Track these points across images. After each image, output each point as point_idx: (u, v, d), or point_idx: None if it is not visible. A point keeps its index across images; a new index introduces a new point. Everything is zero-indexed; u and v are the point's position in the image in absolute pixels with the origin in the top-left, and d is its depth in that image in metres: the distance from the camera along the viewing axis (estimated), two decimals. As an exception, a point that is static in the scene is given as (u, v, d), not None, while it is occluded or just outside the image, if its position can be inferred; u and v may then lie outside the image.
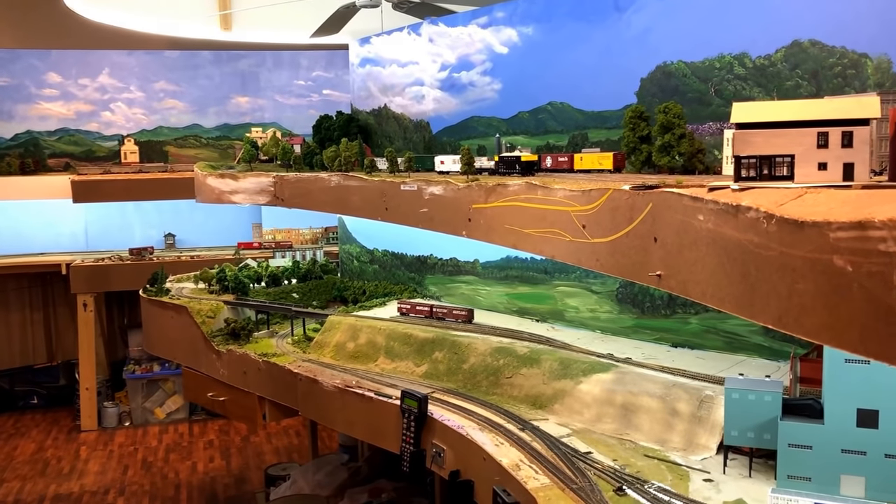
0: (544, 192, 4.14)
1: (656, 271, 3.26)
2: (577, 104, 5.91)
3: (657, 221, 3.29)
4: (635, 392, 4.59)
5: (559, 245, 3.96)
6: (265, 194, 7.51)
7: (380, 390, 5.56)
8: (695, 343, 5.31)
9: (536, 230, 4.17)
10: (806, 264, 2.11)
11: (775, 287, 2.29)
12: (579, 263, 3.84)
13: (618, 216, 3.54)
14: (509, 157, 5.08)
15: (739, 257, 2.55)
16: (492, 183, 4.75)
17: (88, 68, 13.17)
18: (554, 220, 4.03)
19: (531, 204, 4.23)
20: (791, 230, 2.17)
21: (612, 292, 5.80)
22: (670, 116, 4.50)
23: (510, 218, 4.50)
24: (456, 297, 7.32)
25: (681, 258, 3.08)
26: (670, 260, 3.17)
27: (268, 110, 13.82)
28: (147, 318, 8.50)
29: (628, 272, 3.45)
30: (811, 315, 2.13)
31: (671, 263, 3.17)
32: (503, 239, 4.60)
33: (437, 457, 4.93)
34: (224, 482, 10.03)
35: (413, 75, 7.56)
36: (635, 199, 3.44)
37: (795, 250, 2.15)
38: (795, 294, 2.18)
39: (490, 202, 4.71)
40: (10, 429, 12.28)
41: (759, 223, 2.36)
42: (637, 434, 4.43)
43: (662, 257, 3.24)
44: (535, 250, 4.25)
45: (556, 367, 5.11)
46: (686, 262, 3.04)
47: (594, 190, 3.69)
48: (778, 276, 2.26)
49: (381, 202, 5.97)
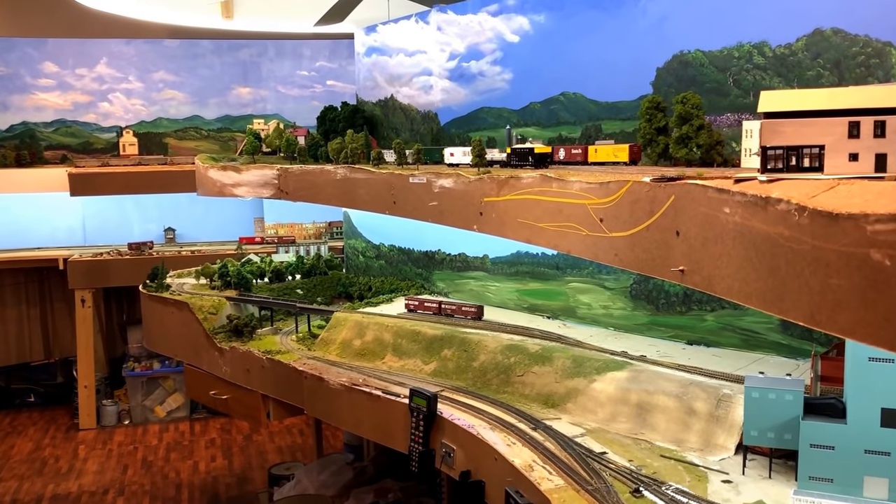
0: (559, 184, 4.00)
1: (679, 266, 3.14)
2: (591, 95, 5.77)
3: (680, 214, 3.16)
4: (651, 391, 4.45)
5: (575, 239, 3.82)
6: (269, 187, 7.36)
7: (387, 388, 5.43)
8: (711, 340, 5.18)
9: (551, 224, 4.03)
10: (841, 258, 2.02)
11: (807, 282, 2.19)
12: (596, 258, 3.71)
13: (637, 209, 3.40)
14: (522, 149, 4.94)
15: (768, 251, 2.45)
16: (504, 175, 4.60)
17: (86, 58, 12.98)
18: (570, 213, 3.88)
19: (545, 197, 4.10)
20: (825, 223, 2.08)
21: (625, 288, 5.66)
22: (688, 107, 4.35)
23: (523, 211, 4.36)
24: (464, 294, 7.18)
25: (705, 252, 2.96)
26: (694, 254, 3.05)
27: (270, 101, 13.63)
28: (147, 314, 8.36)
29: (649, 267, 3.32)
30: (846, 311, 2.05)
31: (695, 258, 3.04)
32: (516, 233, 4.46)
33: (446, 457, 4.80)
34: (226, 482, 9.89)
35: (421, 65, 7.41)
36: (656, 192, 3.31)
37: (829, 244, 2.07)
38: (829, 289, 2.09)
39: (502, 195, 4.57)
40: (6, 427, 12.12)
41: (790, 216, 2.27)
42: (653, 434, 4.30)
43: (685, 252, 3.11)
44: (550, 245, 4.11)
45: (569, 365, 4.97)
46: (711, 257, 2.92)
47: (612, 182, 3.55)
48: (810, 270, 2.17)
49: (388, 195, 5.82)
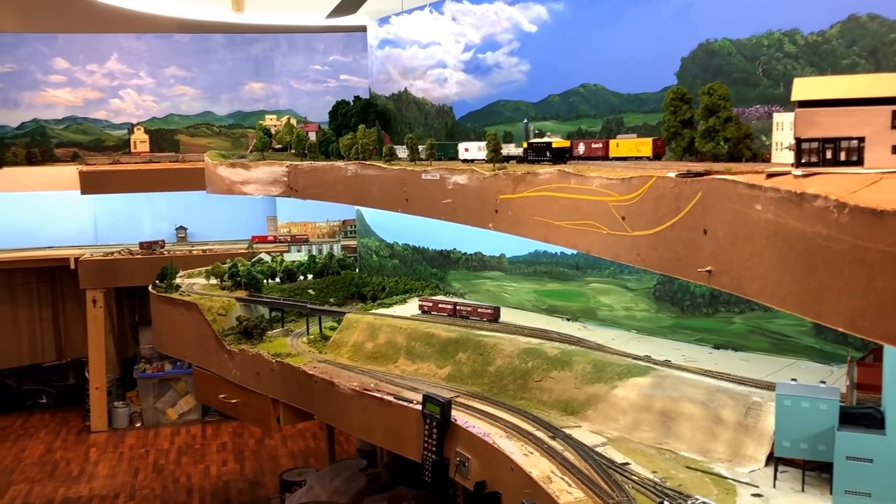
0: (578, 180, 3.77)
1: (706, 267, 2.92)
2: (612, 86, 5.52)
3: (707, 212, 2.94)
4: (675, 397, 4.22)
5: (595, 238, 3.59)
6: (278, 184, 7.16)
7: (400, 394, 5.22)
8: (739, 344, 4.92)
9: (570, 222, 3.80)
10: (886, 259, 1.86)
11: (848, 284, 2.01)
12: (617, 258, 3.48)
13: (662, 206, 3.17)
14: (539, 144, 4.71)
15: (804, 251, 2.25)
16: (520, 171, 4.37)
17: (96, 53, 12.82)
18: (589, 211, 3.66)
19: (564, 194, 3.87)
20: (867, 221, 1.91)
21: (648, 289, 5.42)
22: (715, 98, 4.12)
23: (541, 209, 4.13)
24: (481, 294, 6.96)
25: (735, 252, 2.75)
26: (722, 254, 2.83)
27: (282, 97, 13.43)
28: (156, 315, 8.20)
29: (674, 268, 3.09)
30: (892, 316, 1.88)
31: (723, 258, 2.82)
32: (533, 232, 4.24)
33: (461, 466, 4.59)
34: (238, 487, 9.72)
35: (435, 57, 7.19)
36: (682, 188, 3.08)
37: (873, 243, 1.89)
38: (873, 292, 1.92)
39: (519, 192, 4.34)
40: (18, 429, 12.01)
41: (829, 213, 2.09)
42: (678, 443, 4.06)
43: (713, 251, 2.89)
44: (568, 244, 3.88)
45: (590, 369, 4.75)
46: (741, 257, 2.70)
47: (635, 178, 3.32)
48: (851, 272, 2.00)
49: (400, 192, 5.60)
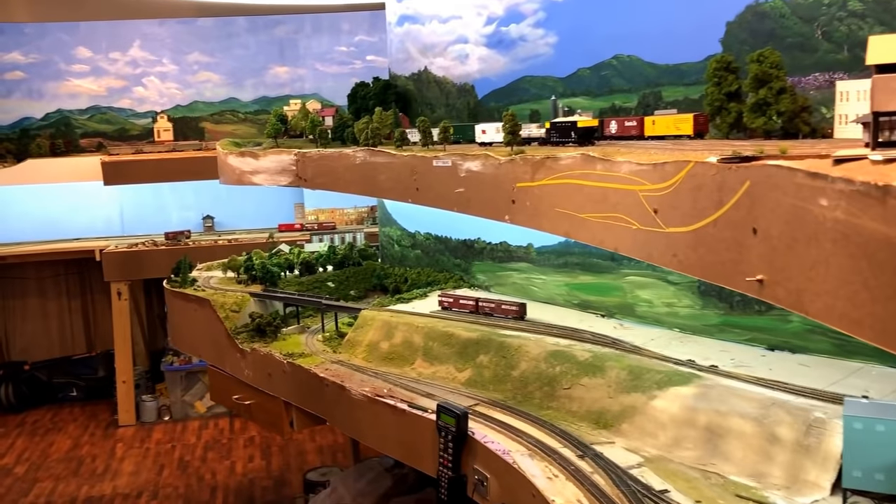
0: (605, 165, 3.22)
1: (756, 275, 2.37)
2: (649, 57, 4.94)
3: (757, 206, 2.39)
4: (723, 411, 3.67)
5: (624, 234, 3.05)
6: (287, 174, 6.69)
7: (414, 401, 4.74)
8: (796, 345, 4.32)
9: (595, 215, 3.26)
10: None
11: None
12: (650, 259, 2.93)
13: (702, 198, 2.63)
14: (563, 124, 4.15)
15: (889, 262, 1.78)
16: (539, 156, 3.83)
17: (118, 41, 12.54)
18: (617, 202, 3.12)
19: (588, 181, 3.33)
20: None
21: (692, 283, 4.84)
22: (766, 66, 3.55)
23: (562, 199, 3.59)
24: (507, 287, 6.43)
25: (793, 259, 2.20)
26: (777, 260, 2.28)
27: (308, 80, 13.00)
28: (171, 310, 7.84)
29: (717, 274, 2.55)
30: None
31: (779, 265, 2.28)
32: (554, 225, 3.70)
33: (479, 485, 4.10)
34: (263, 485, 9.37)
35: (455, 32, 6.65)
36: (725, 176, 2.54)
37: None
38: None
39: (537, 180, 3.80)
40: (47, 423, 11.84)
41: None
42: (726, 465, 3.51)
43: (765, 255, 2.34)
44: (594, 240, 3.34)
45: (625, 376, 4.21)
46: (801, 265, 2.17)
47: (669, 163, 2.78)
48: None
49: (411, 181, 5.09)
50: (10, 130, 12.39)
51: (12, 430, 11.55)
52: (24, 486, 9.56)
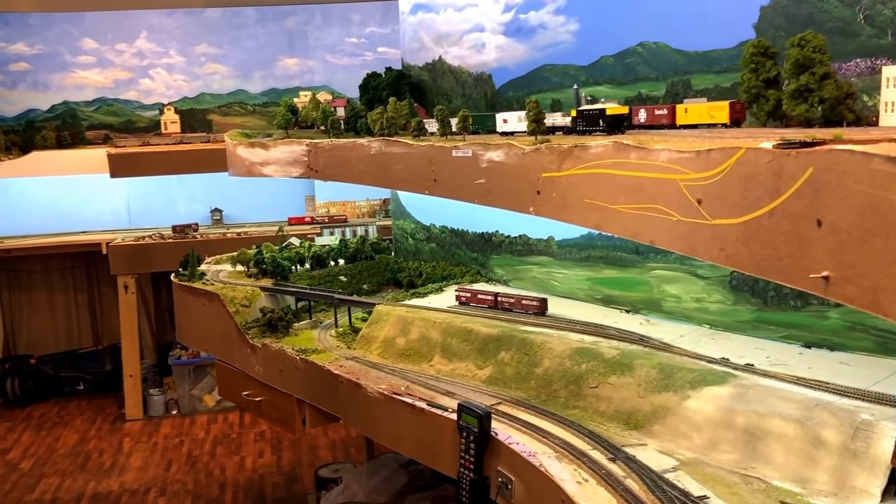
0: (640, 154, 3.03)
1: (821, 271, 2.18)
2: (677, 44, 4.74)
3: (822, 195, 2.19)
4: (763, 412, 3.49)
5: (662, 226, 2.86)
6: (298, 165, 6.51)
7: (433, 399, 4.57)
8: (835, 343, 4.14)
9: (629, 206, 3.07)
10: None
11: None
12: (693, 253, 2.73)
13: (754, 187, 2.44)
14: (590, 112, 3.97)
15: None
16: (567, 144, 3.63)
17: (125, 32, 12.36)
18: (654, 192, 2.93)
19: (621, 171, 3.14)
20: None
21: (723, 278, 4.66)
22: (808, 51, 3.35)
23: (592, 190, 3.40)
24: (526, 282, 6.26)
25: (867, 254, 2.00)
26: (847, 255, 2.08)
27: (318, 72, 12.82)
28: (179, 305, 7.67)
29: (773, 270, 2.35)
30: None
31: (849, 261, 2.07)
32: (582, 217, 3.51)
33: (503, 488, 3.93)
34: (273, 481, 9.22)
35: (472, 20, 6.46)
36: (783, 162, 2.34)
37: None
38: None
39: (565, 169, 3.61)
40: (54, 417, 11.72)
41: None
42: (767, 469, 3.34)
43: (832, 250, 2.14)
44: (627, 233, 3.15)
45: (655, 375, 4.03)
46: (877, 262, 1.96)
47: (715, 150, 2.58)
48: None
49: (428, 172, 4.90)
50: (16, 122, 12.25)
51: (18, 425, 11.43)
52: (30, 482, 9.44)
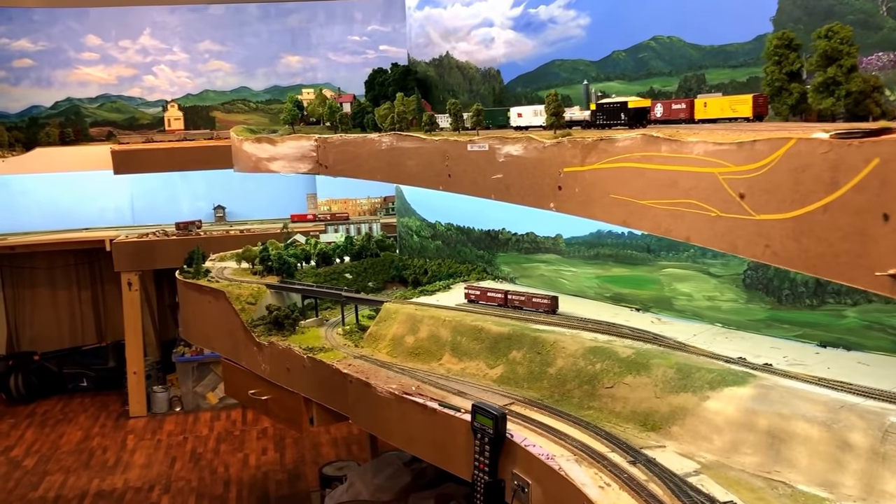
0: (672, 146, 2.94)
1: (888, 269, 2.06)
2: (691, 38, 4.66)
3: (890, 187, 2.08)
4: (786, 414, 3.41)
5: (698, 222, 2.76)
6: (306, 160, 6.43)
7: (445, 399, 4.50)
8: (852, 342, 4.07)
9: (660, 201, 2.97)
10: None
11: None
12: (733, 250, 2.63)
13: (807, 180, 2.35)
14: (612, 105, 3.88)
15: None
16: (591, 138, 3.56)
17: (129, 29, 12.31)
18: (689, 187, 2.83)
19: (651, 165, 3.06)
20: None
21: (736, 276, 4.59)
22: (836, 42, 3.26)
23: (619, 184, 3.31)
24: (534, 280, 6.18)
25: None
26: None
27: (320, 70, 12.78)
28: (184, 302, 7.60)
29: (828, 267, 2.22)
30: None
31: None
32: (608, 213, 3.42)
33: (519, 491, 3.85)
34: (277, 478, 9.16)
35: (480, 15, 6.38)
36: (843, 153, 2.24)
37: None
38: None
39: (589, 164, 3.53)
40: (57, 414, 11.67)
41: None
42: (791, 473, 3.26)
43: (901, 247, 2.04)
44: (659, 230, 3.05)
45: (672, 375, 3.95)
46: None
47: (761, 141, 2.48)
48: None
49: (442, 167, 4.82)
50: (19, 119, 12.19)
51: (22, 422, 11.38)
52: (34, 480, 9.38)
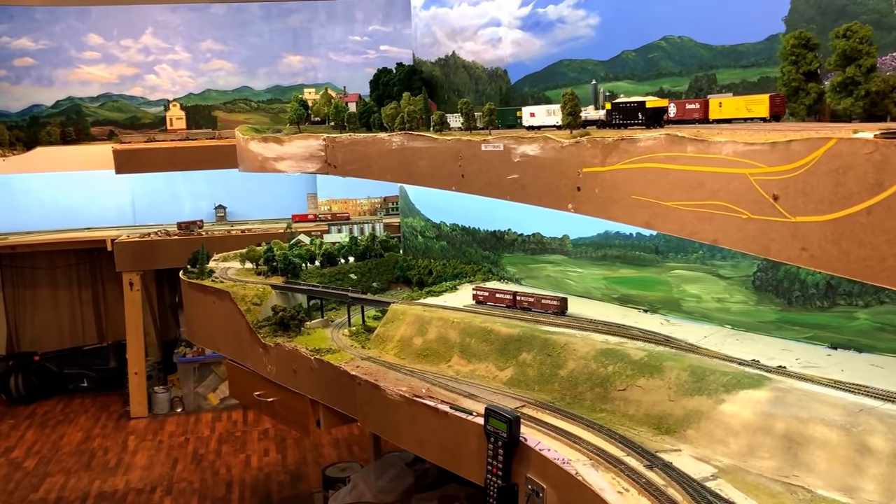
0: (699, 147, 2.91)
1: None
2: (702, 38, 4.64)
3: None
4: (804, 418, 3.39)
5: (727, 225, 2.72)
6: (314, 160, 6.39)
7: (456, 402, 4.47)
8: (863, 344, 4.05)
9: (686, 203, 2.94)
10: None
11: None
12: (766, 253, 2.59)
13: (848, 182, 2.30)
14: (628, 104, 3.85)
15: None
16: (612, 138, 3.53)
17: (130, 28, 12.26)
18: (717, 188, 2.80)
19: (677, 165, 3.03)
20: None
21: (745, 278, 4.57)
22: (855, 42, 3.24)
23: (642, 185, 3.27)
24: (540, 281, 6.15)
25: None
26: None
27: (321, 70, 12.75)
28: (188, 302, 7.56)
29: (872, 271, 2.19)
30: None
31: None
32: (629, 215, 3.38)
33: (533, 496, 3.82)
34: (279, 479, 9.12)
35: (487, 14, 6.35)
36: (889, 154, 2.19)
37: None
38: None
39: (609, 164, 3.49)
40: (58, 414, 11.62)
41: None
42: (810, 477, 3.23)
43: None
44: (684, 231, 3.02)
45: (686, 377, 3.93)
46: None
47: (797, 142, 2.44)
48: None
49: (455, 167, 4.78)
50: (20, 118, 12.14)
51: (22, 422, 11.33)
52: (35, 481, 9.34)
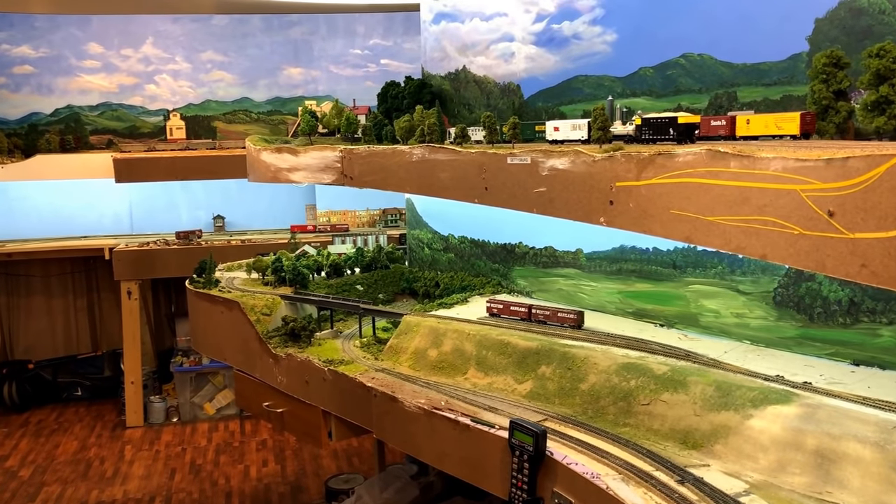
0: (742, 162, 2.93)
1: None
2: (723, 56, 4.69)
3: None
4: (836, 434, 3.40)
5: (777, 240, 2.74)
6: (330, 171, 6.39)
7: (476, 414, 4.46)
8: (886, 361, 4.08)
9: (731, 218, 2.96)
10: None
11: None
12: (821, 269, 2.61)
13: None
14: (658, 119, 3.87)
15: None
16: (648, 152, 3.55)
17: (131, 37, 12.25)
18: (764, 203, 2.82)
19: (719, 181, 3.04)
20: None
21: (766, 293, 4.60)
22: (888, 61, 3.30)
23: (681, 200, 3.30)
24: (551, 294, 6.17)
25: None
26: None
27: (321, 82, 12.77)
28: (194, 312, 7.52)
29: None
30: None
31: None
32: (668, 229, 3.40)
33: (559, 510, 3.82)
34: (279, 491, 9.06)
35: (500, 30, 6.38)
36: None
37: None
38: None
39: (644, 179, 3.51)
40: (52, 423, 11.51)
41: None
42: (843, 494, 3.25)
43: None
44: (730, 246, 3.04)
45: (712, 393, 3.94)
46: None
47: (855, 158, 2.47)
48: None
49: (478, 180, 4.79)
50: (19, 125, 12.08)
51: (16, 431, 11.22)
52: (31, 490, 9.24)
